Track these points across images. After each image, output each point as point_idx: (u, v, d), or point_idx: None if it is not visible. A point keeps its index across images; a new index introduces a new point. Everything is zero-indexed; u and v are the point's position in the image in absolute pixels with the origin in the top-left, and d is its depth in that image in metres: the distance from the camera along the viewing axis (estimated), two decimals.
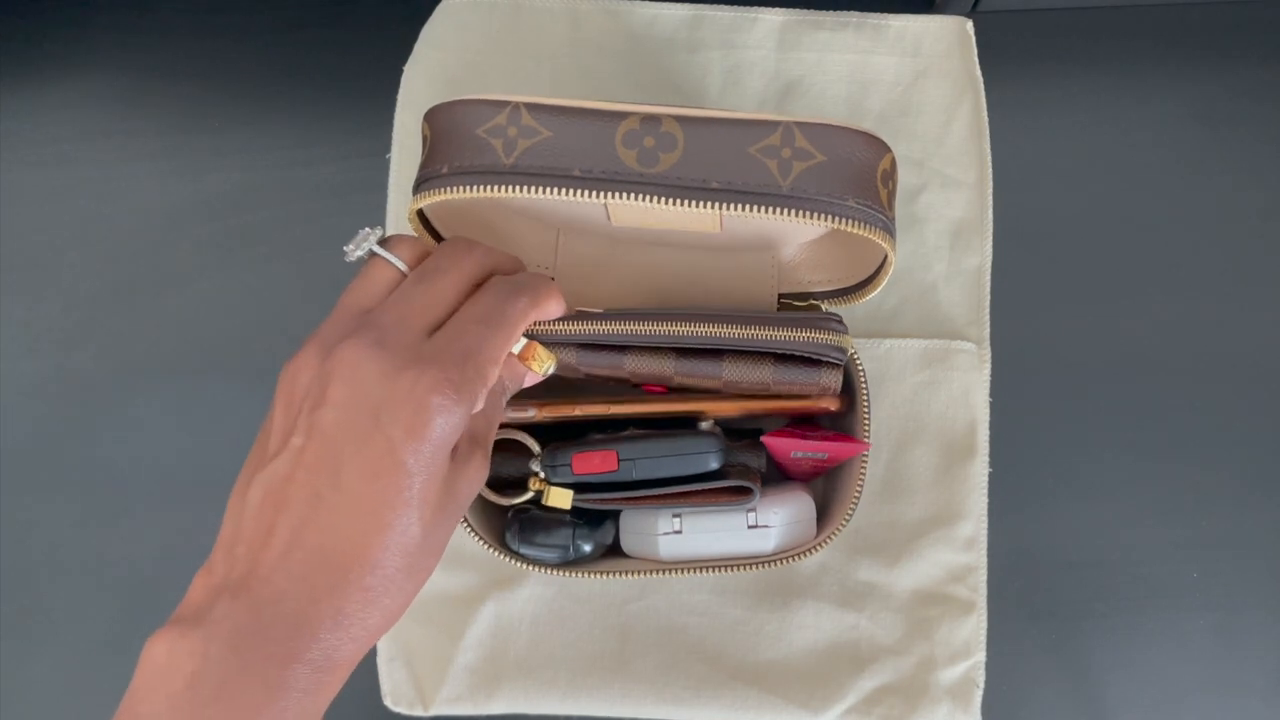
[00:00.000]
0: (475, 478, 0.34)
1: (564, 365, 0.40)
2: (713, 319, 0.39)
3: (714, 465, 0.42)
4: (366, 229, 0.35)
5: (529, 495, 0.44)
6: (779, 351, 0.40)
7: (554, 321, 0.38)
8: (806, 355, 0.40)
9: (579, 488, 0.43)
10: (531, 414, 0.43)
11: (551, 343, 0.39)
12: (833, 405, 0.42)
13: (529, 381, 0.39)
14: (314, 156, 0.57)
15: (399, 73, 0.53)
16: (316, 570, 0.29)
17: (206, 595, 0.29)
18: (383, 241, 0.36)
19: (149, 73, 0.59)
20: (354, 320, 0.33)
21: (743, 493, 0.43)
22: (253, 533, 0.30)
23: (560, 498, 0.43)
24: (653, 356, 0.40)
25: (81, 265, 0.57)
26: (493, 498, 0.44)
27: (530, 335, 0.38)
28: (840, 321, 0.40)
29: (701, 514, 0.43)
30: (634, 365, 0.40)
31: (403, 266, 0.35)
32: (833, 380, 0.40)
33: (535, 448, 0.44)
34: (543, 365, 0.37)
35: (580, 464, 0.43)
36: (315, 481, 0.30)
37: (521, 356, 0.37)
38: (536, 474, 0.43)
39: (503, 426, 0.45)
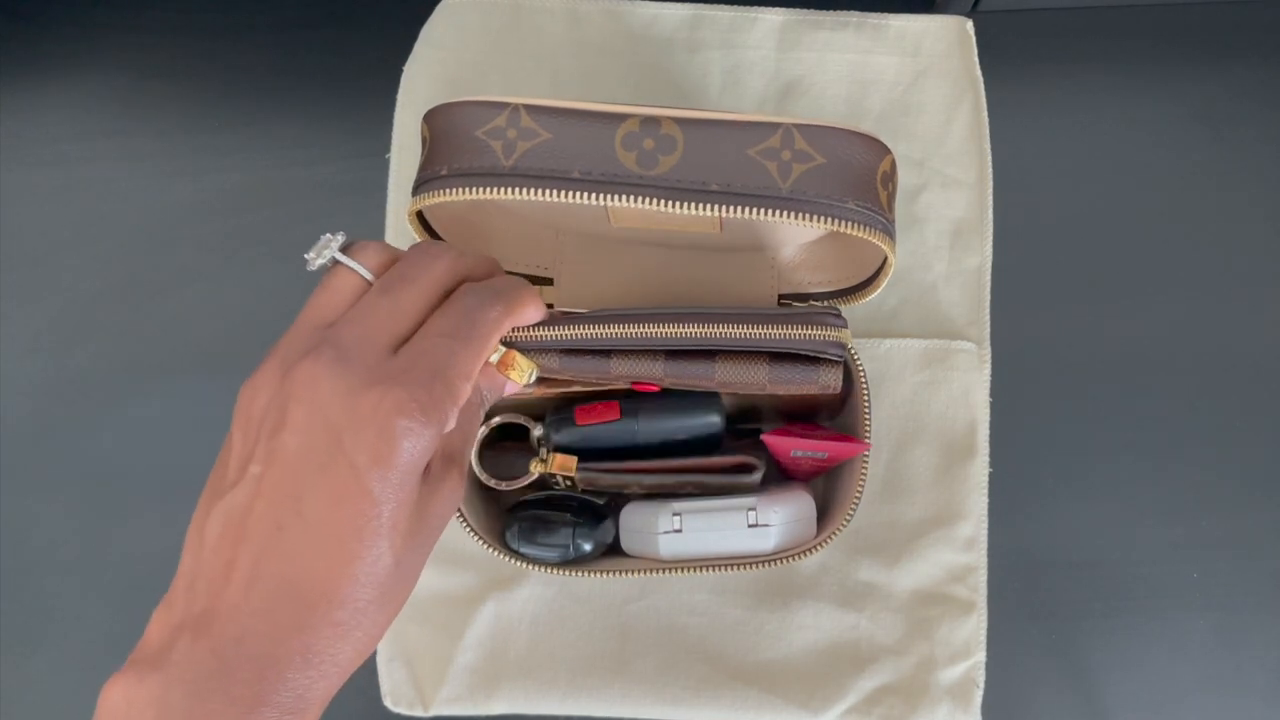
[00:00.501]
0: (450, 498, 0.32)
1: (547, 370, 0.39)
2: (702, 318, 0.38)
3: (715, 419, 0.43)
4: (328, 235, 0.33)
5: (532, 477, 0.44)
6: (774, 350, 0.39)
7: (533, 327, 0.37)
8: (804, 353, 0.39)
9: (582, 455, 0.43)
10: (531, 385, 0.43)
11: (532, 349, 0.38)
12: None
13: (510, 390, 0.37)
14: (314, 156, 0.57)
15: (399, 73, 0.53)
16: (281, 606, 0.28)
17: (166, 634, 0.28)
18: (346, 248, 0.33)
19: (149, 73, 0.59)
20: (315, 335, 0.31)
21: (746, 469, 0.43)
22: (212, 567, 0.28)
23: (564, 463, 0.42)
24: (640, 360, 0.39)
25: (81, 265, 0.57)
26: (493, 483, 0.44)
27: (508, 343, 0.37)
28: (838, 315, 0.39)
29: (701, 512, 0.43)
30: (621, 369, 0.39)
31: (368, 275, 0.33)
32: (833, 379, 0.39)
33: (534, 426, 0.44)
34: (523, 374, 0.36)
35: (583, 415, 0.42)
36: (276, 511, 0.28)
37: (500, 366, 0.35)
38: (538, 455, 0.44)
39: (500, 410, 0.45)
